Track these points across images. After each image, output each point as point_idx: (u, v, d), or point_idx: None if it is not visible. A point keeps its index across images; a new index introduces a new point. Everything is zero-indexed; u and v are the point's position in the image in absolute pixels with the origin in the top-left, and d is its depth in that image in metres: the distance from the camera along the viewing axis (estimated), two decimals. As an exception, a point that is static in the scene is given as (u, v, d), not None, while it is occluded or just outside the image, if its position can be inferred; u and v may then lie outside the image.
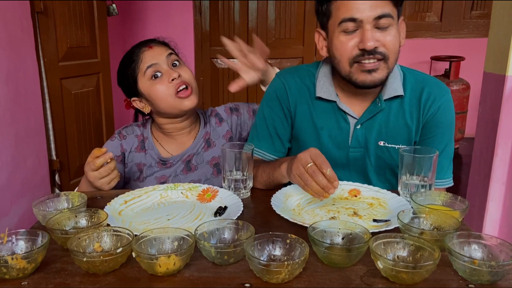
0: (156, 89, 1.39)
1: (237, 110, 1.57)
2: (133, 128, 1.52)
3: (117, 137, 1.49)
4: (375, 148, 1.29)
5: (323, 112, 1.31)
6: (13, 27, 2.19)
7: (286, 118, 1.35)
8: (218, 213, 1.08)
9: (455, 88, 3.99)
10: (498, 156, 1.90)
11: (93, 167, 1.21)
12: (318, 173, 1.04)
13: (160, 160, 1.48)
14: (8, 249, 0.86)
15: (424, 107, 1.26)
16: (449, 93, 1.28)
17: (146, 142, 1.50)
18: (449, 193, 1.05)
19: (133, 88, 1.44)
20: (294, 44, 4.34)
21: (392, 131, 1.28)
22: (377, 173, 1.33)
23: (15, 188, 2.21)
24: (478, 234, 0.84)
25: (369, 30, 1.13)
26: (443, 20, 4.39)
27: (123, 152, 1.48)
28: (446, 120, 1.27)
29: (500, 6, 1.87)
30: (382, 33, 1.14)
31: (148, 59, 1.40)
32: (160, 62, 1.40)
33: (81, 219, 0.98)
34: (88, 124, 3.00)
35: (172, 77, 1.38)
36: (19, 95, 2.24)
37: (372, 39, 1.12)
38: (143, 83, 1.41)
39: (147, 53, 1.42)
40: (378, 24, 1.13)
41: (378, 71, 1.17)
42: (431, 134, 1.28)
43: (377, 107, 1.26)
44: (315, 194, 1.05)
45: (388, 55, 1.15)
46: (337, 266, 0.84)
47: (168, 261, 0.79)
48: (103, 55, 3.10)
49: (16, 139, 2.22)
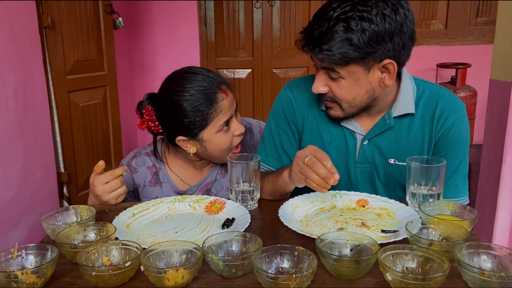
0: (221, 141, 1.30)
1: (251, 131, 1.51)
2: (143, 159, 1.40)
3: (128, 170, 1.36)
4: (384, 165, 1.27)
5: (330, 125, 1.29)
6: (22, 42, 2.22)
7: (293, 133, 1.34)
8: (225, 225, 1.08)
9: (462, 95, 3.97)
10: (507, 163, 1.89)
11: (107, 178, 1.17)
12: (317, 163, 1.03)
13: (177, 193, 1.39)
14: (18, 264, 0.87)
15: (438, 123, 1.22)
16: (464, 109, 1.23)
17: (160, 174, 1.40)
18: (457, 203, 1.05)
19: (189, 133, 1.29)
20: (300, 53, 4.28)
21: (403, 149, 1.24)
22: (387, 191, 1.30)
23: (24, 201, 2.23)
24: (488, 245, 0.84)
25: (319, 76, 1.17)
26: (448, 27, 4.38)
27: (136, 187, 1.39)
28: (460, 137, 1.22)
29: (505, 12, 1.86)
30: (332, 82, 1.15)
31: (226, 112, 1.27)
32: (232, 114, 1.31)
33: (89, 233, 0.99)
34: (96, 137, 3.02)
35: (240, 131, 1.31)
36: (27, 109, 2.27)
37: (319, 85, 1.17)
38: (210, 132, 1.28)
39: (226, 102, 1.28)
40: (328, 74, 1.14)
41: (333, 109, 1.21)
42: (444, 151, 1.23)
43: (386, 124, 1.23)
44: (317, 187, 1.04)
45: (339, 101, 1.18)
46: (346, 278, 0.83)
47: (177, 274, 0.79)
48: (110, 68, 3.13)
49: (25, 152, 2.24)
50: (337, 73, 1.11)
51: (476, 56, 4.19)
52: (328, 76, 1.15)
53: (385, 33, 1.05)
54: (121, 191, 1.21)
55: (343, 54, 1.06)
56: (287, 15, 4.27)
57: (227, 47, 4.34)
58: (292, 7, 4.26)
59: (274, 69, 4.35)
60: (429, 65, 4.36)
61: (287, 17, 4.28)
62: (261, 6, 4.23)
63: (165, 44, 4.22)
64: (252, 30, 4.30)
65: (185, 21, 4.22)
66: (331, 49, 1.06)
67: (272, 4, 4.23)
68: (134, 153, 1.42)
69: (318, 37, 1.07)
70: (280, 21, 4.29)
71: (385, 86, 1.15)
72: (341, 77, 1.12)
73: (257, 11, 4.25)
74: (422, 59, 4.29)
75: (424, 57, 4.31)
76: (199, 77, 1.29)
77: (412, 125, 1.24)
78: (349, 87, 1.13)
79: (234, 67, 4.34)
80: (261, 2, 4.23)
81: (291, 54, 4.35)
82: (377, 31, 1.04)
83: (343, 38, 1.04)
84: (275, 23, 4.29)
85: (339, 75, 1.12)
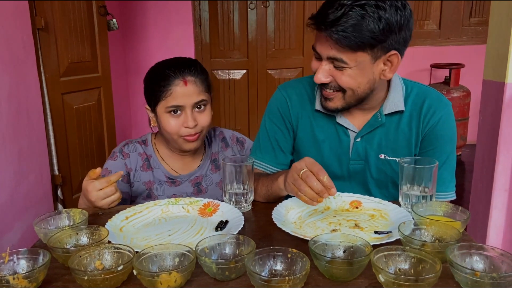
0: (168, 122, 1.35)
1: (242, 144, 1.55)
2: (135, 145, 1.46)
3: (120, 156, 1.42)
4: (375, 161, 1.29)
5: (323, 124, 1.32)
6: (15, 44, 2.21)
7: (288, 131, 1.36)
8: (219, 227, 1.08)
9: (456, 95, 3.99)
10: (500, 163, 1.90)
11: (102, 185, 1.18)
12: (311, 178, 1.03)
13: (168, 179, 1.45)
14: (9, 269, 0.86)
15: (424, 119, 1.26)
16: (450, 107, 1.28)
17: (151, 161, 1.45)
18: (450, 204, 1.05)
19: (151, 103, 1.40)
20: (294, 54, 4.36)
21: (392, 144, 1.28)
22: (379, 186, 1.32)
23: (18, 204, 2.22)
24: (480, 245, 0.84)
25: (322, 66, 1.17)
26: (442, 28, 4.40)
27: (128, 171, 1.42)
28: (447, 133, 1.27)
29: (498, 13, 1.88)
30: (337, 71, 1.16)
31: (177, 98, 1.33)
32: (186, 105, 1.34)
33: (82, 237, 0.98)
34: (90, 139, 3.01)
35: (187, 124, 1.34)
36: (21, 111, 2.25)
37: (322, 75, 1.17)
38: (161, 109, 1.36)
39: (179, 89, 1.33)
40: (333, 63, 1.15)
41: (333, 100, 1.22)
42: (431, 146, 1.27)
43: (378, 121, 1.27)
44: (308, 200, 1.04)
45: (344, 90, 1.18)
46: (339, 280, 0.83)
47: (169, 278, 0.79)
48: (104, 70, 3.12)
49: (19, 155, 2.23)
50: (344, 62, 1.13)
51: (470, 57, 4.22)
52: (333, 66, 1.16)
53: (396, 24, 1.09)
54: (115, 197, 1.21)
55: (358, 38, 1.08)
56: (282, 16, 4.28)
57: (221, 48, 4.34)
58: (286, 8, 4.26)
59: (269, 70, 4.35)
60: (423, 65, 4.38)
61: (282, 18, 4.29)
62: (256, 7, 4.23)
63: (160, 46, 4.21)
64: (246, 31, 4.30)
65: (179, 22, 4.22)
66: (347, 31, 1.07)
67: (267, 5, 4.23)
68: (126, 141, 1.48)
69: (334, 19, 1.08)
70: (274, 22, 4.29)
71: (385, 79, 1.19)
72: (347, 66, 1.13)
73: (251, 12, 4.25)
74: (416, 59, 4.31)
75: (418, 58, 4.33)
76: (173, 60, 1.39)
77: (401, 122, 1.28)
78: (354, 75, 1.15)
79: (229, 68, 4.34)
80: (256, 3, 4.23)
81: (285, 55, 4.35)
82: (391, 21, 1.08)
83: (359, 22, 1.07)
84: (269, 24, 4.30)
85: (345, 65, 1.13)
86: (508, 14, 1.80)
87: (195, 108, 1.36)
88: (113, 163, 1.42)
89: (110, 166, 1.41)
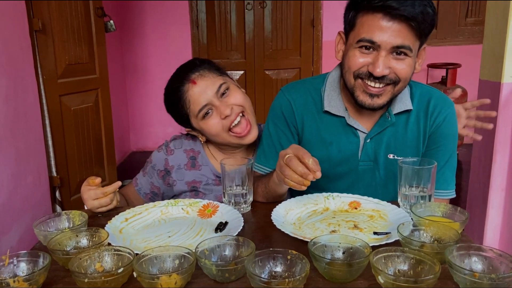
0: (209, 126, 1.32)
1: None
2: (182, 141, 1.43)
3: (164, 151, 1.41)
4: (384, 161, 1.30)
5: (331, 126, 1.30)
6: (12, 46, 2.20)
7: (292, 134, 1.34)
8: (218, 228, 1.08)
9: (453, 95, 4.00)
10: (497, 163, 1.91)
11: (98, 195, 1.18)
12: (294, 161, 1.02)
13: (217, 177, 1.40)
14: (10, 271, 0.86)
15: (431, 117, 1.28)
16: (453, 106, 1.31)
17: (198, 157, 1.41)
18: (448, 204, 1.06)
19: (186, 123, 1.37)
20: (291, 55, 4.37)
21: (401, 144, 1.29)
22: (386, 186, 1.33)
23: (16, 206, 2.21)
24: (478, 246, 0.84)
25: (383, 57, 1.13)
26: (438, 28, 4.42)
27: (167, 168, 1.41)
28: (451, 132, 1.29)
29: (493, 13, 1.88)
30: (397, 61, 1.14)
31: (197, 99, 1.30)
32: (210, 99, 1.30)
33: (82, 239, 0.98)
34: (88, 140, 3.00)
35: (224, 114, 1.30)
36: (18, 113, 2.25)
37: (384, 67, 1.13)
38: (195, 122, 1.34)
39: (193, 91, 1.31)
40: (395, 52, 1.14)
41: (381, 96, 1.18)
42: (436, 145, 1.29)
43: (387, 121, 1.27)
44: (295, 185, 1.03)
45: (398, 82, 1.17)
46: (339, 281, 0.84)
47: (170, 280, 0.79)
48: (102, 71, 3.12)
49: (17, 157, 2.22)
50: (410, 50, 1.13)
51: (466, 56, 4.23)
52: (392, 58, 1.14)
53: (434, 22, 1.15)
54: (110, 207, 1.22)
55: (430, 22, 1.12)
56: (279, 16, 4.29)
57: (219, 49, 4.34)
58: (283, 8, 4.27)
59: (266, 70, 4.36)
60: (420, 65, 4.38)
61: (279, 18, 4.29)
62: (253, 8, 4.24)
63: (157, 47, 4.21)
64: (244, 31, 4.31)
65: (177, 23, 4.23)
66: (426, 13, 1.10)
67: (264, 6, 4.24)
68: (175, 136, 1.46)
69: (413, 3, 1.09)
70: (271, 22, 4.30)
71: (416, 72, 1.21)
72: (410, 55, 1.14)
73: (248, 13, 4.26)
74: (413, 59, 4.31)
75: (415, 58, 4.33)
76: (171, 78, 1.37)
77: (409, 121, 1.29)
78: (411, 64, 1.17)
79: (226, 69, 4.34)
80: (253, 4, 4.23)
81: (283, 56, 4.36)
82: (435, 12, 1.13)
83: (426, 9, 1.10)
84: (266, 24, 4.30)
85: (410, 52, 1.14)
86: (504, 14, 1.81)
87: (220, 97, 1.32)
88: (157, 154, 1.42)
89: (154, 156, 1.42)
